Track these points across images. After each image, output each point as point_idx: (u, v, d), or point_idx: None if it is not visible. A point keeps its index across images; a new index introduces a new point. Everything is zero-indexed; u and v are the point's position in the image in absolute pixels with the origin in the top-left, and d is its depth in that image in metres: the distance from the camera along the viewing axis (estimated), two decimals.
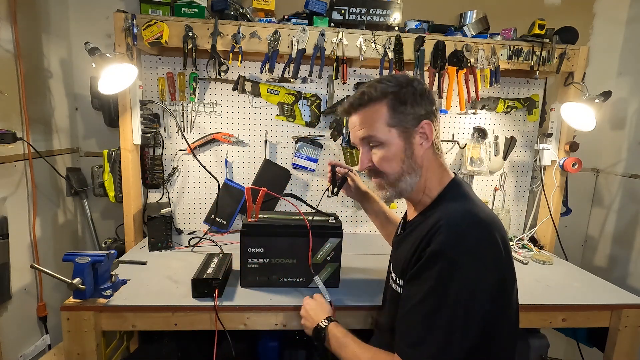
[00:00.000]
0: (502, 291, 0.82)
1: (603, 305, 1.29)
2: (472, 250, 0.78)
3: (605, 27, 1.98)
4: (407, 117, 0.89)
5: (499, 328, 0.84)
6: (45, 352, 1.58)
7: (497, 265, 0.80)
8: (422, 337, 0.79)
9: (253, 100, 1.77)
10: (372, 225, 1.93)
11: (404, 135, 0.90)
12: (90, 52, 1.38)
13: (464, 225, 0.81)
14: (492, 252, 0.80)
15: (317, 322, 1.03)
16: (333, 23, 1.57)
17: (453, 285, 0.77)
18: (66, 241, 1.77)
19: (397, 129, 0.90)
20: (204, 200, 1.82)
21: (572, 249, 2.09)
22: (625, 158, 1.96)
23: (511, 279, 0.86)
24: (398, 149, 0.90)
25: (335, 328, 0.99)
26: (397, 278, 0.95)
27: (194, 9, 1.50)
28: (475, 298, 0.77)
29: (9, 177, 1.42)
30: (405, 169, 0.91)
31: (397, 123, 0.90)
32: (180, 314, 1.13)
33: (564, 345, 2.05)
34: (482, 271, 0.78)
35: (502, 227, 0.85)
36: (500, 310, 0.82)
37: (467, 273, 0.77)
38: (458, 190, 0.92)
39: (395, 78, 0.92)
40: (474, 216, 0.83)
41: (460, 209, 0.85)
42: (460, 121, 1.87)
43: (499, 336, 0.84)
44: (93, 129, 1.83)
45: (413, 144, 0.90)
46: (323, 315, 1.04)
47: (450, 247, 0.78)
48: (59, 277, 1.04)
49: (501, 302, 0.82)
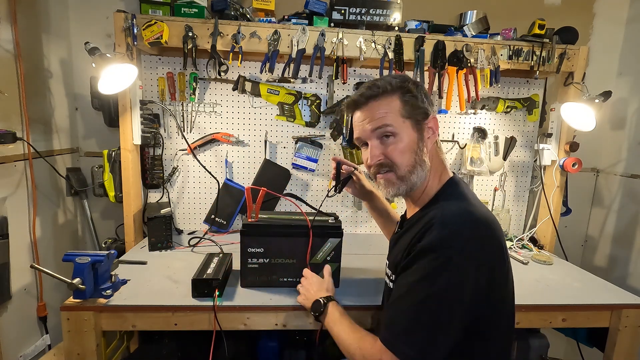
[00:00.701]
0: (492, 291, 0.81)
1: (603, 305, 1.29)
2: (463, 248, 0.78)
3: (605, 27, 1.98)
4: (419, 111, 0.92)
5: (490, 327, 0.84)
6: (45, 352, 1.58)
7: (488, 265, 0.80)
8: (405, 327, 0.79)
9: (253, 100, 1.77)
10: (372, 225, 1.93)
11: (417, 127, 0.92)
12: (90, 52, 1.38)
13: (457, 223, 0.81)
14: (484, 252, 0.80)
15: (317, 297, 1.06)
16: (333, 23, 1.57)
17: (441, 280, 0.77)
18: (66, 241, 1.77)
19: (410, 120, 0.92)
20: (204, 200, 1.82)
21: (572, 249, 2.09)
22: (625, 158, 1.96)
23: (504, 279, 0.86)
24: (412, 140, 0.91)
25: (334, 307, 1.03)
26: (391, 274, 0.97)
27: (194, 9, 1.50)
28: (462, 295, 0.78)
29: (9, 177, 1.42)
30: (417, 161, 0.91)
31: (410, 115, 0.91)
32: (180, 314, 1.13)
33: (564, 345, 2.05)
34: (472, 270, 0.78)
35: (497, 226, 0.85)
36: (491, 310, 0.83)
37: (456, 269, 0.77)
38: (455, 189, 0.93)
39: (400, 76, 0.95)
40: (468, 214, 0.83)
41: (455, 207, 0.86)
42: (460, 121, 1.87)
43: (490, 336, 0.85)
44: (93, 129, 1.83)
45: (424, 136, 0.93)
46: (324, 293, 1.08)
47: (441, 243, 0.79)
48: (59, 277, 1.04)
49: (492, 302, 0.82)
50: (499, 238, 0.84)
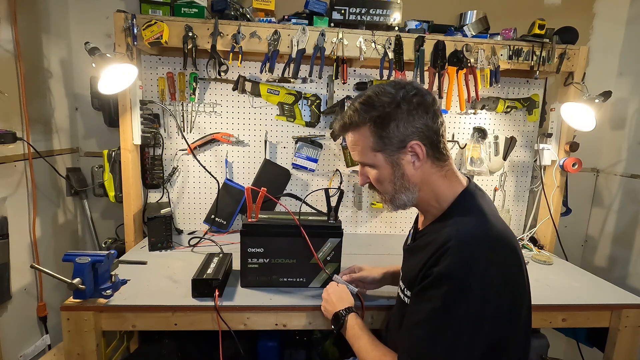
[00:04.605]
0: (510, 313, 0.80)
1: (603, 305, 1.29)
2: (481, 274, 0.76)
3: (605, 27, 1.98)
4: (392, 141, 0.85)
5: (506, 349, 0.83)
6: (45, 352, 1.58)
7: (507, 287, 0.79)
8: (424, 354, 0.79)
9: (253, 100, 1.77)
10: (372, 225, 1.94)
11: (390, 159, 0.87)
12: (90, 52, 1.38)
13: (473, 247, 0.78)
14: (505, 277, 0.78)
15: (338, 308, 1.06)
16: (333, 23, 1.56)
17: (459, 309, 0.76)
18: (66, 241, 1.77)
19: (382, 153, 0.87)
20: (204, 200, 1.82)
21: (572, 249, 2.09)
22: (625, 158, 1.96)
23: (521, 298, 0.85)
24: (387, 172, 0.89)
25: (354, 319, 1.02)
26: (405, 288, 0.95)
27: (194, 9, 1.50)
28: (482, 322, 0.77)
29: (9, 177, 1.42)
30: (397, 189, 0.89)
31: (381, 148, 0.87)
32: (180, 314, 1.13)
33: (564, 345, 2.05)
34: (491, 296, 0.77)
35: (515, 241, 0.84)
36: (508, 332, 0.82)
37: (474, 297, 0.76)
38: (471, 202, 0.88)
39: (382, 95, 0.86)
40: (486, 235, 0.80)
41: (471, 227, 0.82)
42: (460, 121, 1.87)
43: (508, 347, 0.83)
44: (93, 129, 1.83)
45: (402, 165, 0.87)
46: (344, 304, 1.07)
47: (458, 270, 0.77)
48: (59, 277, 1.04)
49: (510, 324, 0.81)
50: (517, 255, 0.82)
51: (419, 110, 0.85)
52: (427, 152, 0.86)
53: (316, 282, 1.26)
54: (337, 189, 1.29)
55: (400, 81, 0.91)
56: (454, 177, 0.91)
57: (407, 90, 0.86)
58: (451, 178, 0.90)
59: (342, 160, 1.84)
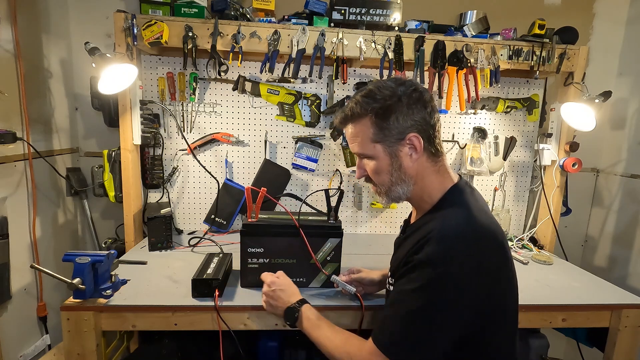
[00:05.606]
0: (489, 306, 0.82)
1: (603, 305, 1.29)
2: (459, 263, 0.78)
3: (605, 27, 1.98)
4: (392, 132, 0.88)
5: (488, 338, 0.85)
6: (45, 352, 1.58)
7: (486, 279, 0.80)
8: (399, 332, 0.81)
9: (253, 100, 1.77)
10: (372, 225, 1.94)
11: (389, 150, 0.90)
12: (90, 52, 1.38)
13: (455, 238, 0.80)
14: (482, 266, 0.80)
15: (289, 303, 1.04)
16: (333, 23, 1.56)
17: (435, 293, 0.79)
18: (66, 241, 1.77)
19: (381, 144, 0.90)
20: (204, 200, 1.82)
21: (572, 249, 2.09)
22: (625, 158, 1.96)
23: (505, 294, 0.86)
24: (385, 163, 0.91)
25: (309, 310, 1.01)
26: (390, 279, 0.98)
27: (194, 9, 1.50)
28: (456, 309, 0.79)
29: (9, 177, 1.42)
30: (394, 180, 0.91)
31: (381, 139, 0.89)
32: (180, 314, 1.13)
33: (564, 345, 2.05)
34: (468, 285, 0.78)
35: (500, 235, 0.85)
36: (487, 328, 0.83)
37: (452, 285, 0.78)
38: (459, 197, 0.90)
39: (383, 89, 0.89)
40: (468, 227, 0.82)
41: (455, 218, 0.84)
42: (460, 121, 1.87)
43: (488, 346, 0.85)
44: (93, 129, 1.83)
45: (400, 157, 0.90)
46: (295, 297, 1.05)
47: (437, 258, 0.79)
48: (59, 277, 1.04)
49: (488, 318, 0.83)
50: (500, 248, 0.83)
51: (418, 105, 0.88)
52: (423, 145, 0.89)
53: (316, 282, 1.26)
54: (337, 189, 1.29)
55: (399, 78, 0.94)
56: (446, 173, 0.94)
57: (407, 86, 0.89)
58: (443, 174, 0.93)
59: (342, 160, 1.84)
